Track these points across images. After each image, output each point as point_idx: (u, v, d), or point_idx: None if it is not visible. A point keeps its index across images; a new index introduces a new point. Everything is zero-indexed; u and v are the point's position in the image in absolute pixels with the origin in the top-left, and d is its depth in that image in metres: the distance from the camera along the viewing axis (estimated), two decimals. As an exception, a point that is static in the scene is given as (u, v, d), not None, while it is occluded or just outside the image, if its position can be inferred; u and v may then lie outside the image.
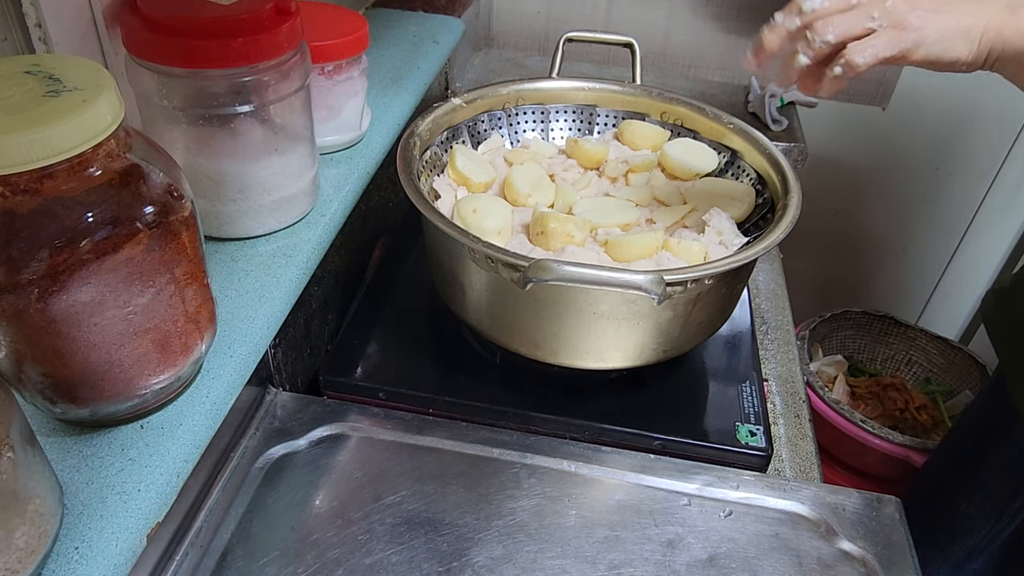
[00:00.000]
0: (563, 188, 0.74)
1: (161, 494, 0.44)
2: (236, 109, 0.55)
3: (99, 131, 0.37)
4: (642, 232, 0.69)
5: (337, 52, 0.67)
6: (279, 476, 0.59)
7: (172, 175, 0.42)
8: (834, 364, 1.61)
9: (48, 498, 0.39)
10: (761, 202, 0.73)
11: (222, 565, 0.53)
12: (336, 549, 0.54)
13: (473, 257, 0.60)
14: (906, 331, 1.65)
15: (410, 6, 1.10)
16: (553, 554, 0.54)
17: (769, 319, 0.90)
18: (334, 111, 0.71)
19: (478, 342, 0.74)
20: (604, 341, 0.62)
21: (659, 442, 0.66)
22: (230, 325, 0.54)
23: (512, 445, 0.63)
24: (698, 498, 0.60)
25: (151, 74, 0.53)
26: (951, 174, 1.57)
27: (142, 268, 0.41)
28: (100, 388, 0.43)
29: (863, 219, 1.66)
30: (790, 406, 0.78)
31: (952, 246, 1.67)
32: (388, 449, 0.62)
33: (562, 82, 0.84)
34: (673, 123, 0.83)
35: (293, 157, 0.61)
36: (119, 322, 0.41)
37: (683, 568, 0.54)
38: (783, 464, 0.71)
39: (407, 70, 0.90)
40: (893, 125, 1.50)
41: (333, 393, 0.69)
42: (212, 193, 0.58)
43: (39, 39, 0.50)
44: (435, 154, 0.75)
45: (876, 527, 0.58)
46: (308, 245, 0.63)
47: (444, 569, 0.53)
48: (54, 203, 0.36)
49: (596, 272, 0.53)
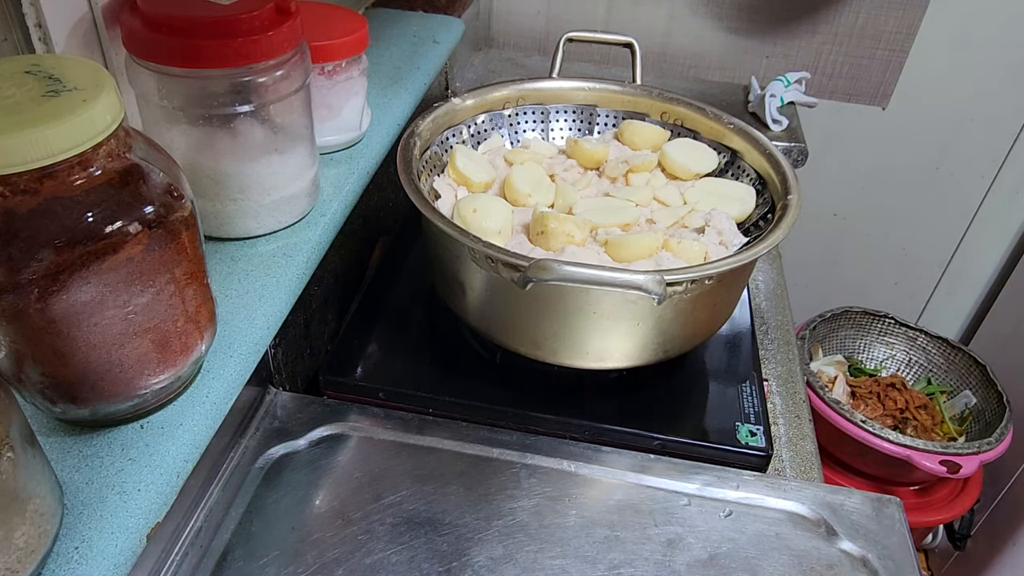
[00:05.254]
0: (563, 188, 0.74)
1: (161, 494, 0.44)
2: (236, 109, 0.55)
3: (99, 131, 0.37)
4: (642, 232, 0.69)
5: (337, 52, 0.67)
6: (279, 476, 0.59)
7: (172, 175, 0.42)
8: (834, 364, 1.61)
9: (48, 498, 0.39)
10: (761, 202, 0.73)
11: (222, 565, 0.53)
12: (336, 549, 0.54)
13: (473, 257, 0.60)
14: (906, 331, 1.65)
15: (410, 6, 1.10)
16: (553, 554, 0.54)
17: (769, 319, 0.90)
18: (334, 111, 0.71)
19: (478, 342, 0.74)
20: (604, 341, 0.62)
21: (659, 442, 0.65)
22: (230, 325, 0.54)
23: (512, 445, 0.63)
24: (698, 498, 0.60)
25: (151, 74, 0.53)
26: (951, 174, 1.57)
27: (142, 268, 0.41)
28: (100, 388, 0.43)
29: (863, 219, 1.66)
30: (790, 406, 0.78)
31: (952, 246, 1.67)
32: (388, 449, 0.62)
33: (562, 82, 0.84)
34: (673, 123, 0.83)
35: (293, 157, 0.61)
36: (119, 322, 0.41)
37: (683, 568, 0.54)
38: (783, 464, 0.71)
39: (407, 70, 0.90)
40: (893, 125, 1.50)
41: (333, 393, 0.69)
42: (212, 193, 0.58)
43: (39, 39, 0.50)
44: (435, 154, 0.75)
45: (876, 527, 0.58)
46: (308, 245, 0.63)
47: (444, 569, 0.53)
48: (54, 203, 0.36)
49: (596, 272, 0.53)
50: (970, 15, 1.37)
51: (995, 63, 1.41)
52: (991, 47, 1.39)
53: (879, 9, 1.35)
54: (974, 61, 1.41)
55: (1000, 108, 1.46)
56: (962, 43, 1.40)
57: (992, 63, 1.41)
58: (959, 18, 1.37)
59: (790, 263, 1.04)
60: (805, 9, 1.37)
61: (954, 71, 1.43)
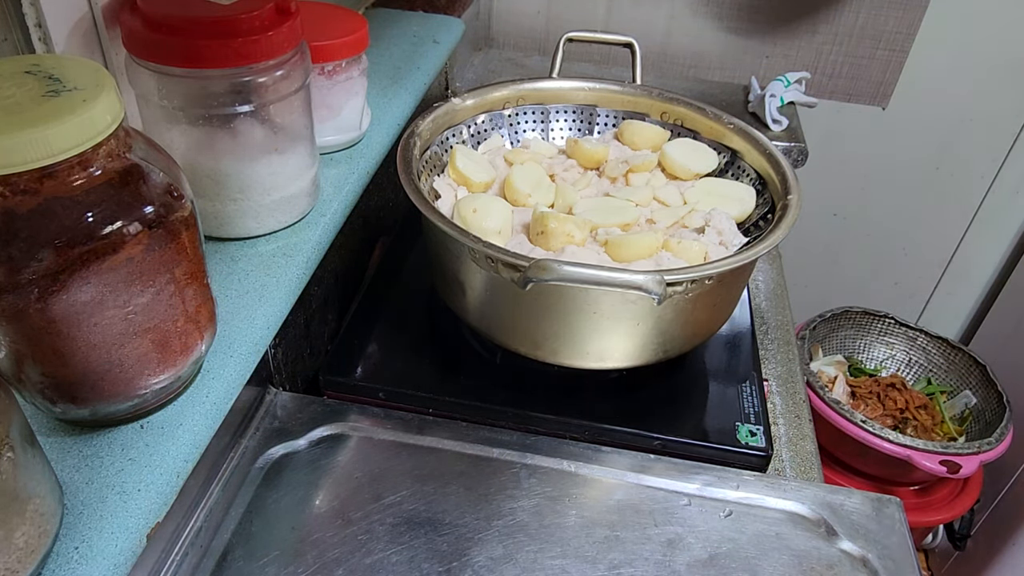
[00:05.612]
0: (563, 188, 0.74)
1: (161, 494, 0.44)
2: (236, 109, 0.55)
3: (99, 131, 0.37)
4: (642, 232, 0.69)
5: (337, 52, 0.67)
6: (279, 476, 0.59)
7: (172, 175, 0.42)
8: (834, 364, 1.61)
9: (48, 498, 0.39)
10: (761, 202, 0.73)
11: (222, 565, 0.53)
12: (336, 549, 0.54)
13: (473, 257, 0.60)
14: (906, 331, 1.65)
15: (410, 6, 1.10)
16: (553, 554, 0.54)
17: (769, 319, 0.90)
18: (334, 111, 0.71)
19: (478, 342, 0.74)
20: (604, 341, 0.62)
21: (659, 442, 0.65)
22: (230, 325, 0.54)
23: (512, 445, 0.63)
24: (698, 498, 0.60)
25: (151, 74, 0.53)
26: (951, 174, 1.57)
27: (142, 268, 0.41)
28: (100, 388, 0.43)
29: (863, 219, 1.66)
30: (790, 406, 0.78)
31: (952, 246, 1.67)
32: (388, 449, 0.62)
33: (562, 82, 0.84)
34: (673, 123, 0.83)
35: (293, 157, 0.61)
36: (119, 322, 0.41)
37: (683, 568, 0.54)
38: (783, 464, 0.71)
39: (407, 70, 0.90)
40: (893, 125, 1.50)
41: (333, 393, 0.69)
42: (212, 193, 0.58)
43: (39, 39, 0.50)
44: (435, 154, 0.75)
45: (876, 527, 0.58)
46: (308, 245, 0.63)
47: (444, 569, 0.53)
48: (54, 203, 0.36)
49: (596, 272, 0.53)
50: (970, 15, 1.37)
51: (995, 63, 1.41)
52: (991, 47, 1.39)
53: (879, 9, 1.35)
54: (974, 61, 1.41)
55: (1000, 108, 1.46)
56: (962, 43, 1.40)
57: (992, 63, 1.41)
58: (959, 18, 1.37)
59: (790, 263, 1.04)
60: (805, 9, 1.37)
61: (954, 71, 1.43)
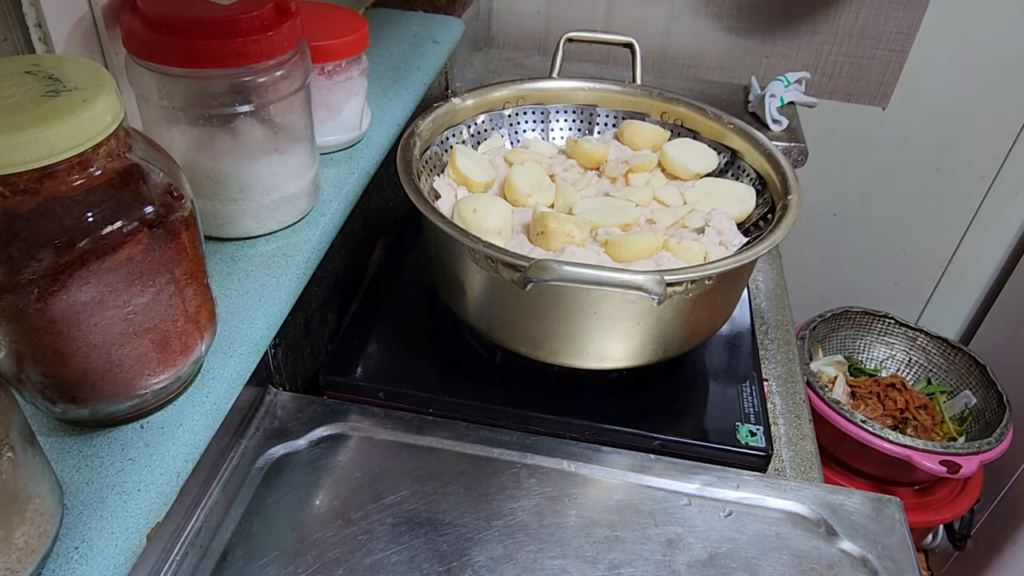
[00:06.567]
0: (563, 188, 0.74)
1: (161, 494, 0.44)
2: (236, 109, 0.55)
3: (99, 131, 0.37)
4: (642, 232, 0.69)
5: (337, 52, 0.67)
6: (279, 476, 0.59)
7: (172, 175, 0.42)
8: (834, 364, 1.61)
9: (48, 498, 0.39)
10: (761, 202, 0.73)
11: (222, 565, 0.53)
12: (336, 549, 0.54)
13: (473, 257, 0.60)
14: (906, 331, 1.65)
15: (410, 6, 1.10)
16: (553, 554, 0.54)
17: (769, 319, 0.90)
18: (334, 111, 0.71)
19: (478, 342, 0.74)
20: (604, 341, 0.62)
21: (659, 442, 0.65)
22: (230, 325, 0.54)
23: (512, 445, 0.63)
24: (698, 498, 0.60)
25: (151, 74, 0.53)
26: (951, 174, 1.57)
27: (142, 268, 0.41)
28: (100, 388, 0.43)
29: (863, 219, 1.66)
30: (790, 406, 0.78)
31: (952, 246, 1.67)
32: (388, 449, 0.62)
33: (562, 82, 0.84)
34: (673, 123, 0.83)
35: (293, 157, 0.61)
36: (119, 322, 0.41)
37: (683, 568, 0.54)
38: (783, 464, 0.71)
39: (407, 70, 0.90)
40: (893, 125, 1.50)
41: (333, 393, 0.69)
42: (212, 193, 0.58)
43: (39, 39, 0.50)
44: (435, 154, 0.75)
45: (876, 527, 0.58)
46: (308, 245, 0.63)
47: (444, 569, 0.53)
48: (54, 203, 0.36)
49: (596, 272, 0.53)
50: (970, 15, 1.37)
51: (995, 63, 1.41)
52: (991, 47, 1.39)
53: (879, 9, 1.35)
54: (974, 61, 1.41)
55: (1000, 108, 1.46)
56: (962, 43, 1.40)
57: (992, 63, 1.41)
58: (959, 18, 1.37)
59: (790, 263, 1.04)
60: (805, 9, 1.37)
61: (954, 71, 1.43)
